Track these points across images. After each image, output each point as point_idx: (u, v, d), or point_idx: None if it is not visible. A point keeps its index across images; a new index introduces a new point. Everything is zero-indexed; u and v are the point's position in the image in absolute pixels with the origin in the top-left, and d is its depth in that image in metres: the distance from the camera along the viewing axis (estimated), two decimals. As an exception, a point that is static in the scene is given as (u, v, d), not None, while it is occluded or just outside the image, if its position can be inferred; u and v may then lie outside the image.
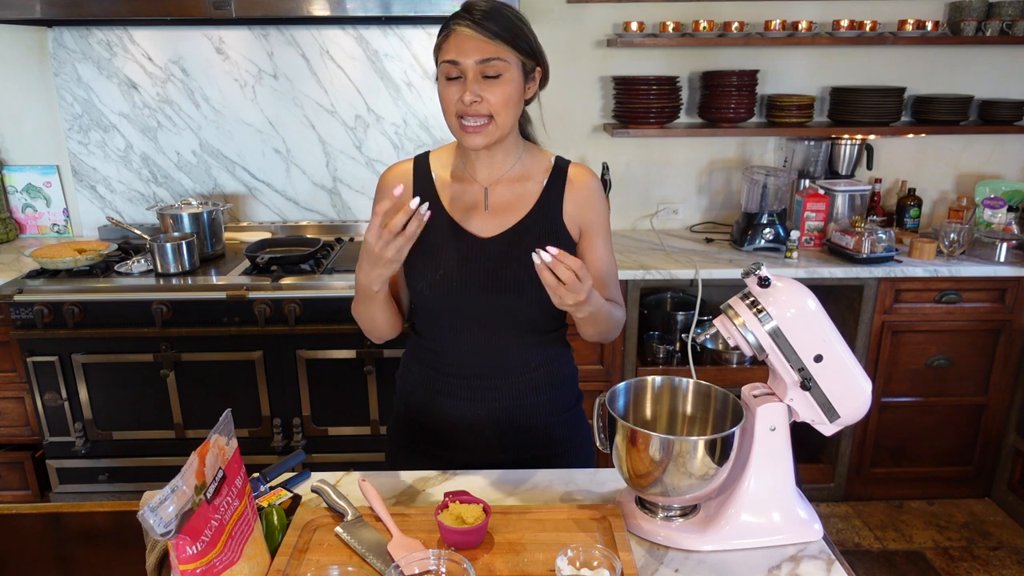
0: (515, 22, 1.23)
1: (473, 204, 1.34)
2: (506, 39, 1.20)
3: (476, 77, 1.20)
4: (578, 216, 1.35)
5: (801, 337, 1.08)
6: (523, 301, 1.30)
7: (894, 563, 2.51)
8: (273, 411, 2.47)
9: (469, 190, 1.34)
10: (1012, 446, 2.72)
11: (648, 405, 1.22)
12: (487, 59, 1.19)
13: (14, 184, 2.95)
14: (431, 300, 1.34)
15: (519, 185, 1.34)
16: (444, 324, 1.36)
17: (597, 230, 1.37)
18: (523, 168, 1.35)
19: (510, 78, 1.22)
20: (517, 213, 1.33)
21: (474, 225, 1.33)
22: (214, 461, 0.95)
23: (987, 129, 2.90)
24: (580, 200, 1.34)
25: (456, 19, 1.21)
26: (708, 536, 1.11)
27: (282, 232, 2.94)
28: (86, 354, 2.38)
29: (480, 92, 1.20)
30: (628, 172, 3.02)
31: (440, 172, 1.37)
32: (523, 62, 1.24)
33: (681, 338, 2.75)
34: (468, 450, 1.40)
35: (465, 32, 1.19)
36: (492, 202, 1.33)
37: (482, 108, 1.21)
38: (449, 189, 1.35)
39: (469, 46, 1.19)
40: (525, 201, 1.33)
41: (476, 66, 1.20)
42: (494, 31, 1.19)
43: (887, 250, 2.53)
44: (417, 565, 0.98)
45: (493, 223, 1.33)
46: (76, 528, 1.22)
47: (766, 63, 2.88)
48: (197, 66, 2.80)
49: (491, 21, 1.19)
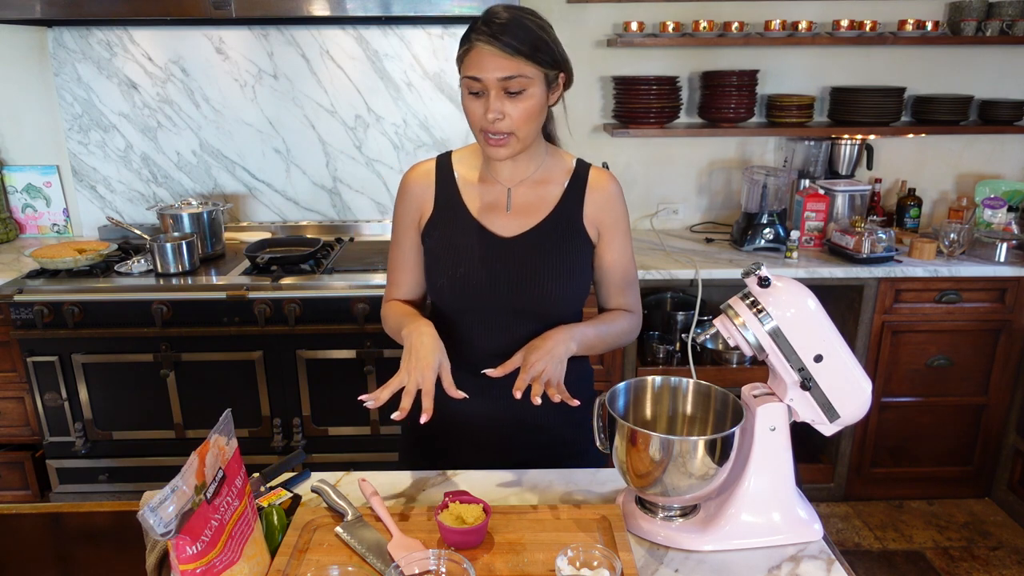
0: (536, 32, 1.20)
1: (495, 204, 1.35)
2: (526, 54, 1.18)
3: (499, 93, 1.20)
4: (597, 219, 1.36)
5: (801, 337, 1.08)
6: (543, 301, 1.32)
7: (894, 563, 2.51)
8: (273, 411, 2.47)
9: (492, 190, 1.36)
10: (1012, 446, 2.72)
11: (648, 405, 1.22)
12: (509, 76, 1.18)
13: (14, 184, 2.95)
14: (450, 297, 1.35)
15: (541, 187, 1.36)
16: (461, 321, 1.37)
17: (615, 233, 1.38)
18: (545, 170, 1.37)
19: (533, 93, 1.21)
20: (539, 214, 1.34)
21: (496, 225, 1.34)
22: (214, 461, 0.95)
23: (987, 129, 2.90)
24: (600, 203, 1.36)
25: (476, 33, 1.19)
26: (708, 536, 1.11)
27: (282, 232, 2.94)
28: (86, 354, 2.38)
29: (502, 108, 1.20)
30: (628, 172, 3.02)
31: (463, 172, 1.38)
32: (546, 73, 1.23)
33: (681, 338, 2.75)
34: (479, 448, 1.41)
35: (486, 48, 1.17)
36: (514, 203, 1.35)
37: (504, 125, 1.21)
38: (472, 189, 1.36)
39: (490, 63, 1.18)
40: (546, 202, 1.35)
41: (498, 83, 1.19)
42: (514, 47, 1.17)
43: (887, 250, 2.53)
44: (417, 565, 0.98)
45: (515, 223, 1.34)
46: (76, 528, 1.22)
47: (766, 63, 2.88)
48: (197, 66, 2.80)
49: (511, 36, 1.17)
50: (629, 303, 1.42)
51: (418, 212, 1.39)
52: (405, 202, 1.40)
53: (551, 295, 1.32)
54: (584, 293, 1.39)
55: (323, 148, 2.91)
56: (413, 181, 1.39)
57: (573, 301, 1.38)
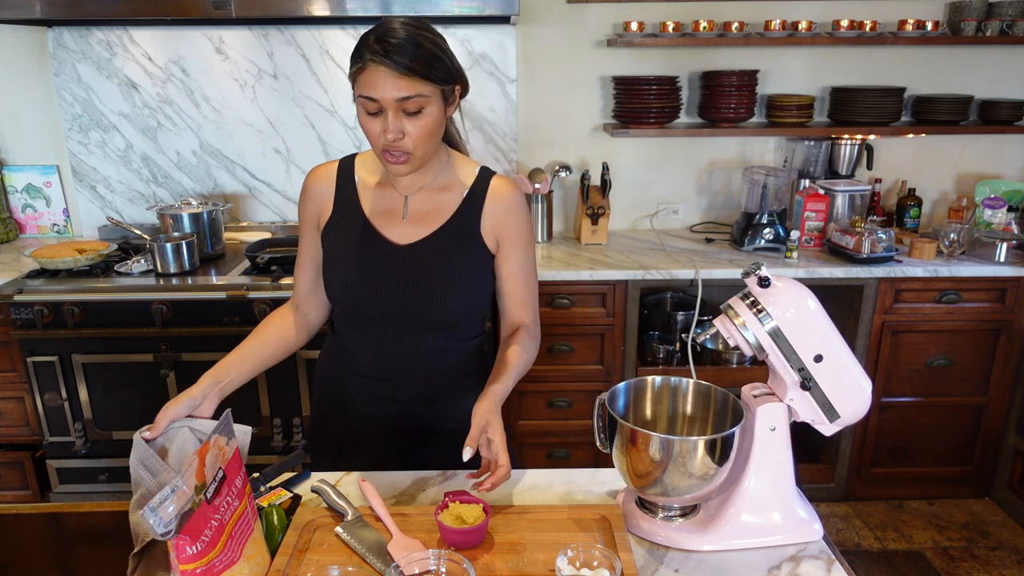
0: (429, 49, 1.17)
1: (392, 211, 1.34)
2: (421, 73, 1.15)
3: (397, 113, 1.17)
4: (496, 228, 1.34)
5: (801, 337, 1.08)
6: (435, 309, 1.31)
7: (894, 563, 2.51)
8: (273, 411, 2.47)
9: (389, 197, 1.35)
10: (1012, 446, 2.72)
11: (648, 405, 1.22)
12: (406, 96, 1.16)
13: (14, 184, 2.95)
14: (343, 302, 1.35)
15: (439, 195, 1.34)
16: (356, 326, 1.38)
17: (514, 243, 1.35)
18: (445, 178, 1.35)
19: (430, 111, 1.19)
20: (435, 222, 1.33)
21: (391, 231, 1.33)
22: (214, 461, 0.95)
23: (987, 129, 2.90)
24: (499, 212, 1.34)
25: (371, 52, 1.14)
26: (708, 536, 1.11)
27: (282, 232, 2.94)
28: (86, 354, 2.38)
29: (402, 128, 1.18)
30: (628, 172, 3.02)
31: (364, 176, 1.37)
32: (443, 89, 1.20)
33: (681, 338, 2.75)
34: (378, 450, 1.41)
35: (380, 69, 1.14)
36: (411, 210, 1.34)
37: (405, 144, 1.20)
38: (370, 193, 1.35)
39: (386, 84, 1.14)
40: (444, 210, 1.33)
41: (395, 103, 1.16)
42: (408, 66, 1.14)
43: (887, 250, 2.53)
44: (417, 565, 0.98)
45: (410, 231, 1.33)
46: (76, 528, 1.22)
47: (766, 63, 2.88)
48: (197, 66, 2.80)
49: (404, 55, 1.13)
50: (526, 316, 1.39)
51: (317, 213, 1.38)
52: (305, 202, 1.39)
53: (443, 304, 1.30)
54: (481, 304, 1.37)
55: (323, 148, 2.91)
56: (313, 182, 1.38)
57: (469, 312, 1.36)
